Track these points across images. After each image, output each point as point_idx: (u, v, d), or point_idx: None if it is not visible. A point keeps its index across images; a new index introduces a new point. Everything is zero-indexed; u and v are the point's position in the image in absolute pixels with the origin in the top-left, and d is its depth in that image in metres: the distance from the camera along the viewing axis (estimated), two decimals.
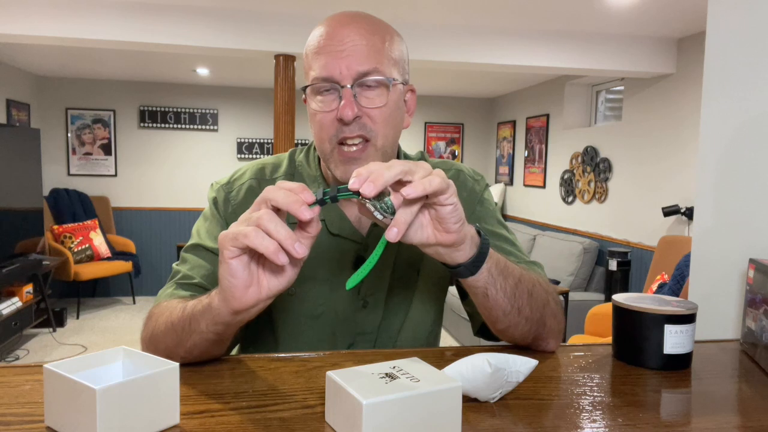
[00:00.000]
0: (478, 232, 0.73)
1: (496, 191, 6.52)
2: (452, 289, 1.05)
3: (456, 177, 1.00)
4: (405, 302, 0.96)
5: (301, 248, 0.61)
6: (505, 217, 6.46)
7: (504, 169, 6.62)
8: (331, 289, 0.93)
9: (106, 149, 6.18)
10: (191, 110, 6.31)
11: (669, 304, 0.81)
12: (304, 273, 0.91)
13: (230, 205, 0.94)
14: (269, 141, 6.44)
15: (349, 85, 0.82)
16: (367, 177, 0.61)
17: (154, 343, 0.79)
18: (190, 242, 0.92)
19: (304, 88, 0.87)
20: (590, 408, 0.67)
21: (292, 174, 0.96)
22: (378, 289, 0.94)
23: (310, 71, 0.85)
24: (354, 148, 0.84)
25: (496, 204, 1.04)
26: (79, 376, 0.54)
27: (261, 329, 0.97)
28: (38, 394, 0.65)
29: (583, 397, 0.70)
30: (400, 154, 0.98)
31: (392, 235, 0.62)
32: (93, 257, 5.54)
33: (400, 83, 0.88)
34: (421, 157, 1.02)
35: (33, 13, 3.43)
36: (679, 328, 0.79)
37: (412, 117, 0.95)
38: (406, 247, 0.95)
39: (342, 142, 0.85)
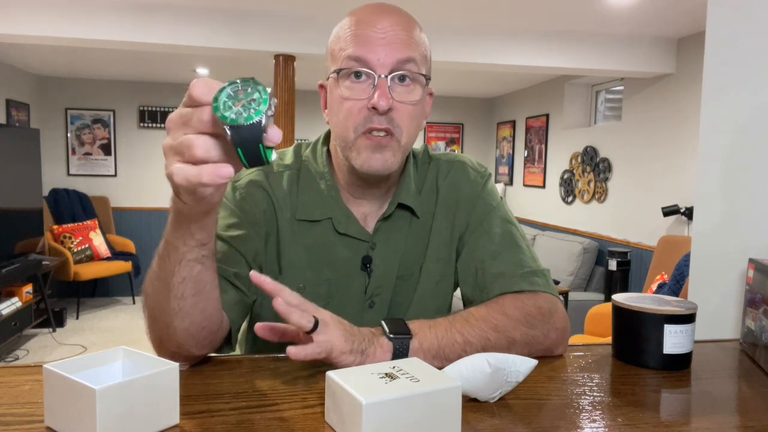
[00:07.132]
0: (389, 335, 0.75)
1: None
2: (456, 292, 1.04)
3: (459, 170, 0.99)
4: (407, 301, 0.96)
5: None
6: None
7: (504, 169, 6.62)
8: (339, 289, 0.93)
9: (106, 149, 6.18)
10: None
11: (669, 304, 0.81)
12: (312, 273, 0.90)
13: (238, 192, 0.92)
14: None
15: (384, 75, 0.82)
16: None
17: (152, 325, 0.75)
18: None
19: (338, 72, 0.84)
20: (590, 408, 0.67)
21: (298, 168, 0.95)
22: (385, 289, 0.94)
23: (343, 56, 0.83)
24: (382, 134, 0.83)
25: (502, 198, 1.01)
26: (78, 376, 0.54)
27: None
28: (38, 395, 0.65)
29: (583, 397, 0.70)
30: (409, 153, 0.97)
31: None
32: (93, 257, 5.53)
33: (426, 82, 0.88)
34: (426, 151, 1.02)
35: (33, 13, 3.43)
36: (678, 328, 0.79)
37: (426, 120, 0.94)
38: (409, 246, 0.95)
39: (368, 132, 0.84)
